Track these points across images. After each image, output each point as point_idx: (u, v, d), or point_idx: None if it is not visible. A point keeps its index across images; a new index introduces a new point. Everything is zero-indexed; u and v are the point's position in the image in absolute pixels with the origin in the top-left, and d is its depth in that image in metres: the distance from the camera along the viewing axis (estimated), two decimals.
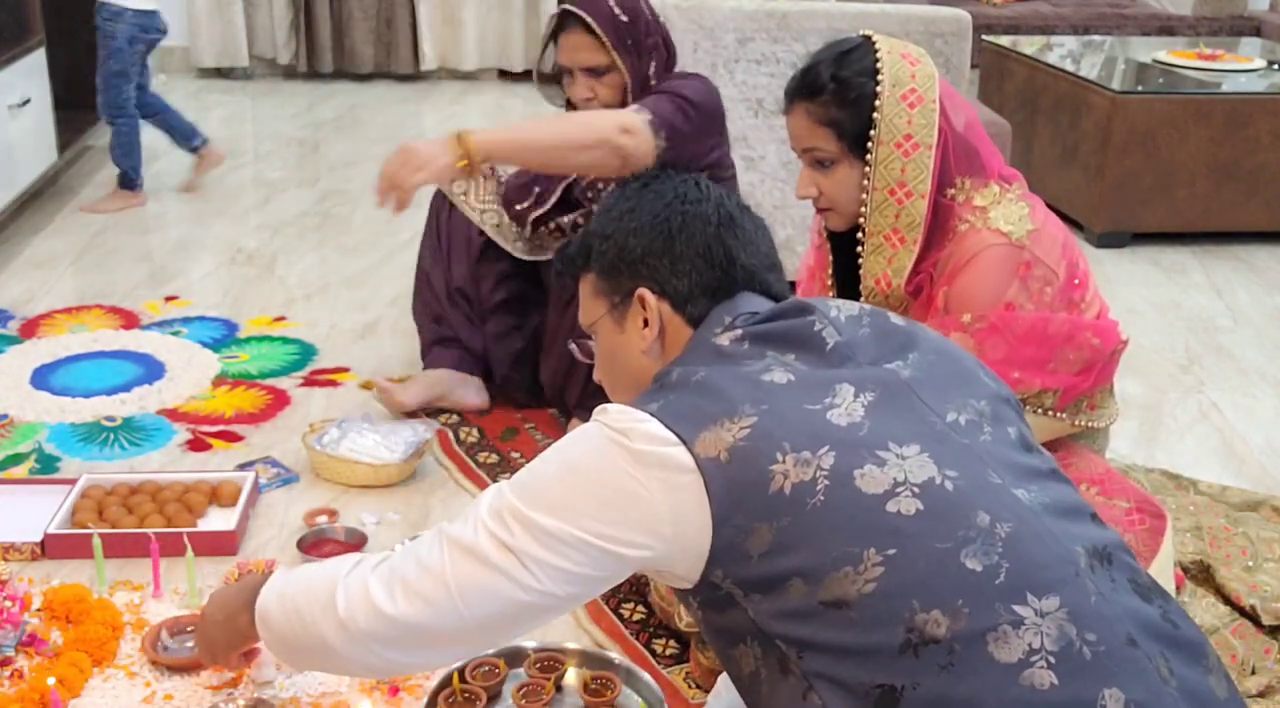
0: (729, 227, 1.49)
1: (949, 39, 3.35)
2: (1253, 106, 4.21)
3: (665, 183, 1.53)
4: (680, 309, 1.47)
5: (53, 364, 3.08)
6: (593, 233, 1.53)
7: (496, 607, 1.34)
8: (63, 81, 4.38)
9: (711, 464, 1.29)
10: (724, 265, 1.47)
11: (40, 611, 2.07)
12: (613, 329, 1.52)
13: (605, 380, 1.57)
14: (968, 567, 1.25)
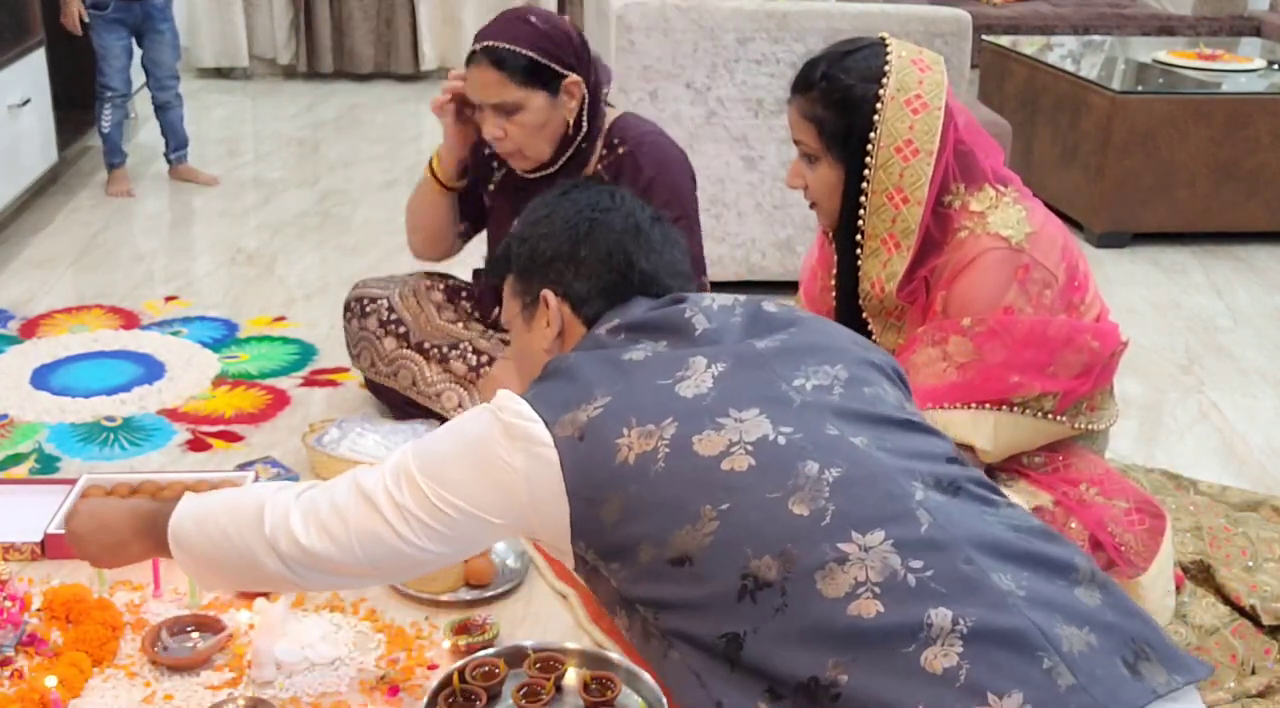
0: (634, 234, 1.61)
1: (949, 39, 3.35)
2: (1253, 106, 4.21)
3: (582, 192, 1.66)
4: (578, 310, 1.61)
5: (53, 364, 3.08)
6: (513, 236, 1.67)
7: (384, 552, 1.53)
8: (63, 81, 4.38)
9: (566, 442, 1.44)
10: (622, 270, 1.59)
11: (40, 611, 2.07)
12: (523, 327, 1.66)
13: (517, 373, 1.72)
14: (794, 512, 1.36)
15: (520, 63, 2.38)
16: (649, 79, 3.34)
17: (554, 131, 2.45)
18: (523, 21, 2.43)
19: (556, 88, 2.42)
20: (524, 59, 2.39)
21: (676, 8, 3.30)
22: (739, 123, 3.40)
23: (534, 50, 2.40)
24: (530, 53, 2.39)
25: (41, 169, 4.10)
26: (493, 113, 2.42)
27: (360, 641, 2.05)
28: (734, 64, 3.35)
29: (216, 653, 1.99)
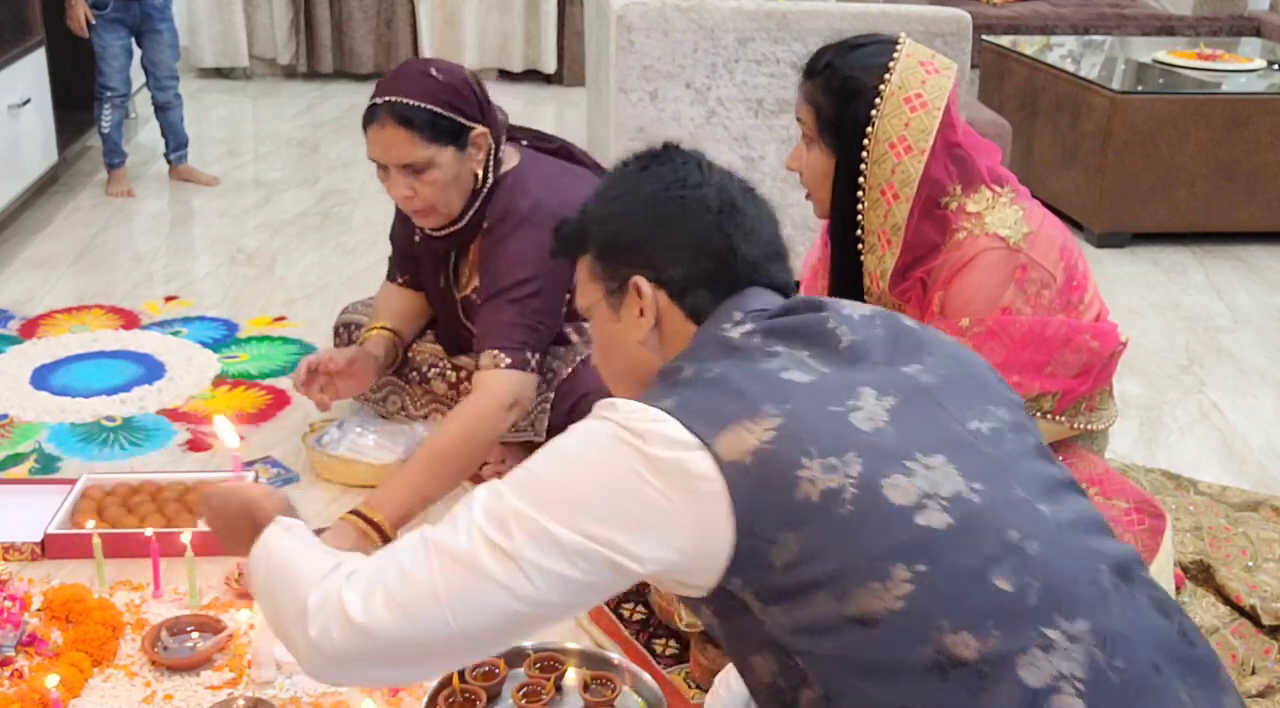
0: (730, 214, 1.41)
1: (949, 39, 3.35)
2: (1253, 106, 4.21)
3: (665, 165, 1.47)
4: (678, 300, 1.40)
5: (53, 364, 3.08)
6: (588, 215, 1.47)
7: (489, 618, 1.24)
8: (63, 81, 4.38)
9: (735, 469, 1.20)
10: (723, 256, 1.39)
11: (40, 611, 2.07)
12: (607, 315, 1.44)
13: (602, 367, 1.52)
14: (998, 586, 1.19)
15: (427, 119, 2.26)
16: (649, 79, 3.34)
17: (464, 186, 2.36)
18: (425, 75, 2.31)
19: (464, 141, 2.31)
20: (430, 115, 2.26)
21: (676, 8, 3.30)
22: (739, 123, 3.40)
23: (440, 105, 2.28)
24: (436, 108, 2.27)
25: (41, 169, 4.10)
26: (400, 173, 2.30)
27: None
28: (734, 64, 3.35)
29: (216, 653, 1.99)
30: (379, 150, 2.31)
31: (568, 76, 6.23)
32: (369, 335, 2.61)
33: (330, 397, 2.51)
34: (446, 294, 2.57)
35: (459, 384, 2.60)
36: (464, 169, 2.34)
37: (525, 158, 2.48)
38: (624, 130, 3.38)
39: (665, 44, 3.31)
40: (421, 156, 2.28)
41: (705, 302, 1.39)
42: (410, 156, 2.28)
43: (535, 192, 2.39)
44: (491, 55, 6.38)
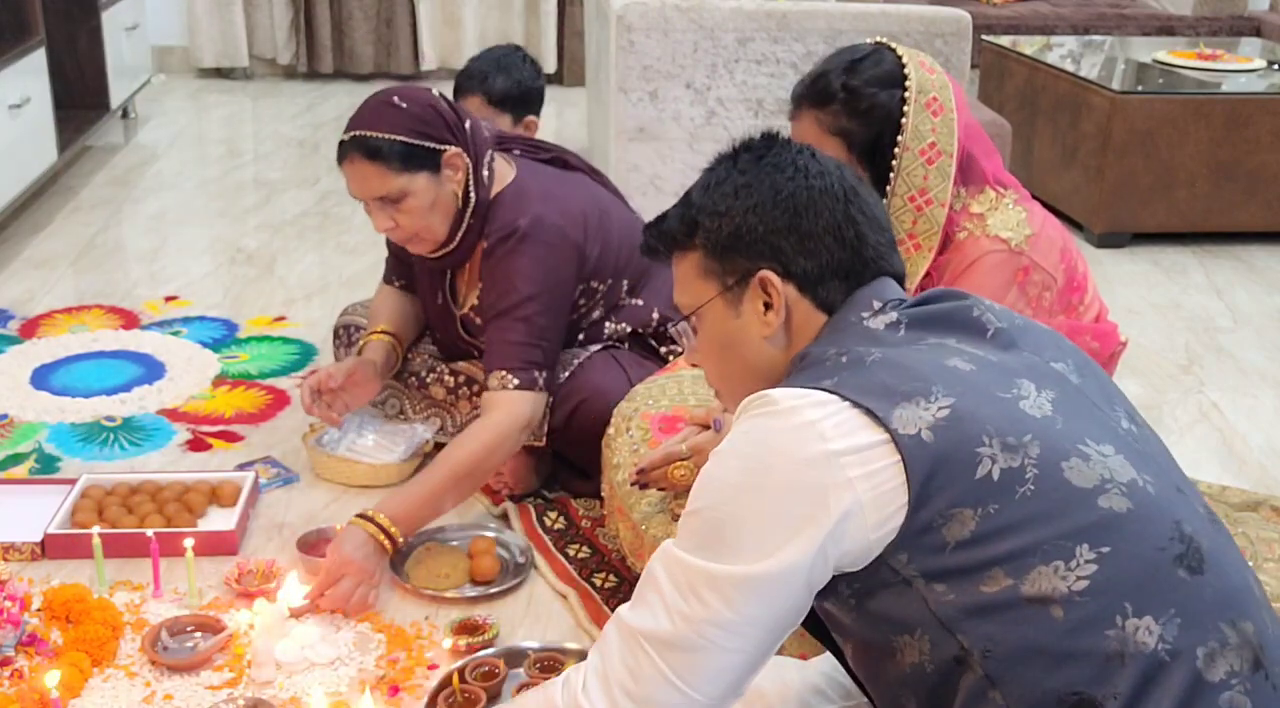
0: (855, 202, 1.38)
1: (949, 39, 3.35)
2: (1253, 106, 4.21)
3: (782, 154, 1.40)
4: (809, 292, 1.36)
5: (53, 364, 3.08)
6: (698, 208, 1.40)
7: (728, 675, 1.24)
8: (63, 81, 4.38)
9: (912, 442, 1.18)
10: (854, 245, 1.36)
11: (40, 611, 2.07)
12: (725, 313, 1.39)
13: (714, 370, 1.45)
14: (1179, 575, 1.18)
15: (395, 149, 2.25)
16: (649, 79, 3.34)
17: (446, 209, 2.34)
18: (388, 106, 2.30)
19: (437, 165, 2.30)
20: (397, 145, 2.25)
21: (676, 8, 3.29)
22: (739, 123, 3.40)
23: (405, 133, 2.26)
24: (402, 137, 2.26)
25: (41, 169, 4.10)
26: (377, 205, 2.30)
27: (360, 641, 2.05)
28: (734, 64, 3.35)
29: (216, 653, 1.99)
30: (354, 186, 2.32)
31: (568, 76, 6.23)
32: (368, 340, 2.60)
33: (339, 411, 2.52)
34: (445, 311, 2.57)
35: (457, 389, 2.60)
36: (442, 192, 2.32)
37: (521, 169, 2.47)
38: (624, 130, 3.38)
39: (665, 44, 3.31)
40: (395, 187, 2.27)
41: (837, 293, 1.37)
42: (384, 189, 2.28)
43: (534, 206, 2.38)
44: None
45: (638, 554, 2.10)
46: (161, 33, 5.99)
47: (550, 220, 2.36)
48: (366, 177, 2.29)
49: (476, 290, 2.48)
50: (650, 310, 2.56)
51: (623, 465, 2.16)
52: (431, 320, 2.66)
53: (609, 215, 2.53)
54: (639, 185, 3.39)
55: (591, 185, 2.58)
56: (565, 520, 2.44)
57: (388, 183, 2.27)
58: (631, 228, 2.59)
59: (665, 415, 2.21)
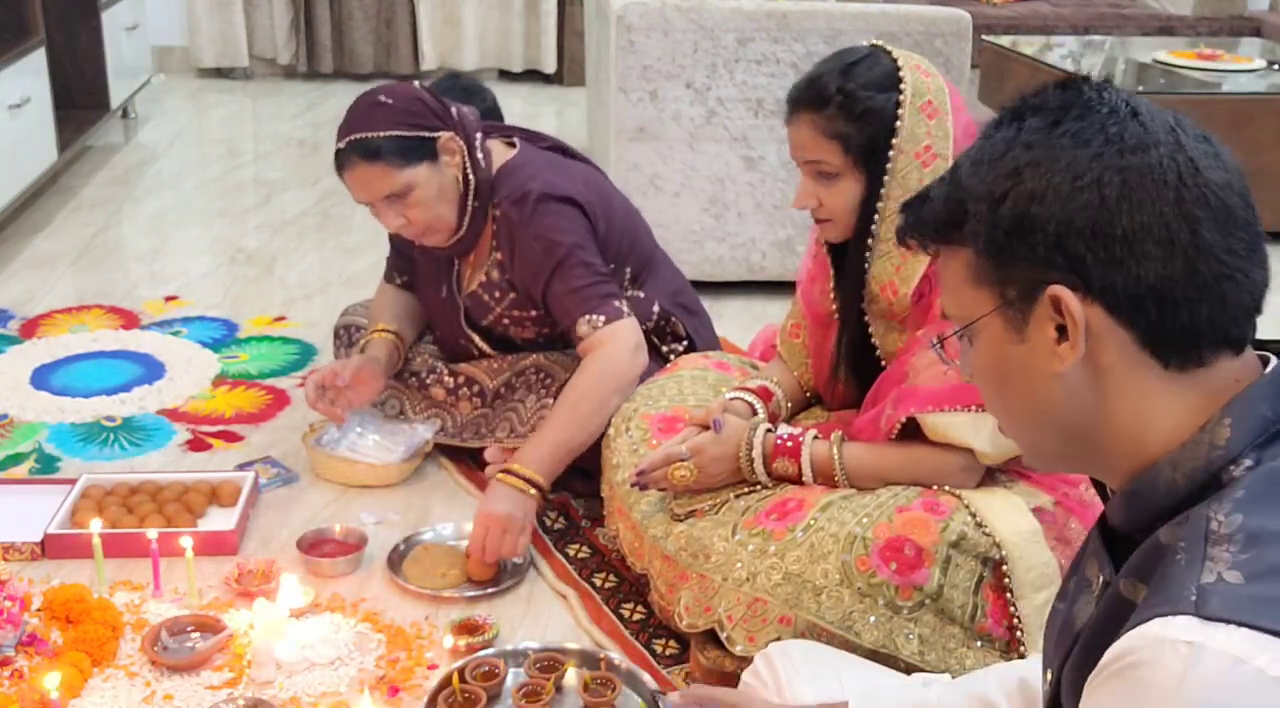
0: (1193, 187, 0.95)
1: (949, 39, 3.35)
2: (1253, 106, 4.21)
3: (1086, 118, 1.01)
4: (1131, 323, 0.96)
5: (53, 364, 3.08)
6: (967, 190, 1.02)
7: None
8: (63, 81, 4.38)
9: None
10: (1189, 257, 0.94)
11: (40, 611, 2.07)
12: (1005, 335, 1.02)
13: (994, 401, 1.07)
14: None
15: (392, 145, 2.28)
16: (649, 79, 3.34)
17: (451, 195, 2.37)
18: (374, 105, 2.32)
19: (434, 152, 2.32)
20: (394, 141, 2.28)
21: (676, 8, 3.29)
22: (739, 123, 3.40)
23: (398, 127, 2.29)
24: (396, 132, 2.29)
25: (41, 169, 4.10)
26: (385, 204, 2.33)
27: (360, 641, 2.05)
28: (734, 64, 3.35)
29: (216, 653, 1.99)
30: (360, 191, 2.34)
31: (568, 76, 6.23)
32: (371, 339, 2.61)
33: (343, 408, 2.52)
34: (448, 303, 2.57)
35: (457, 389, 2.60)
36: (445, 179, 2.35)
37: (522, 149, 2.50)
38: (624, 130, 3.38)
39: (665, 44, 3.31)
40: (399, 182, 2.30)
41: (1180, 331, 0.95)
42: (389, 186, 2.30)
43: (543, 173, 2.42)
44: (491, 55, 6.38)
45: (637, 554, 2.11)
46: (161, 33, 5.99)
47: (560, 186, 2.40)
48: (370, 178, 2.30)
49: (484, 269, 2.48)
50: (651, 304, 2.56)
51: (622, 465, 2.16)
52: (433, 317, 2.66)
53: (611, 200, 2.56)
54: (639, 185, 3.40)
55: (593, 172, 2.60)
56: (565, 520, 2.44)
57: (392, 180, 2.29)
58: (633, 218, 2.61)
59: (665, 416, 2.21)
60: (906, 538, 1.81)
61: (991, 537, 1.82)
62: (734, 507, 1.98)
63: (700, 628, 1.92)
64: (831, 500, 1.90)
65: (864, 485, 1.93)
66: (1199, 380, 0.97)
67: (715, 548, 1.93)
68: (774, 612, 1.83)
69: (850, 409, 2.12)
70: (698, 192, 3.45)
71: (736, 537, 1.92)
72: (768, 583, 1.85)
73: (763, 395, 2.12)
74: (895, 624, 1.79)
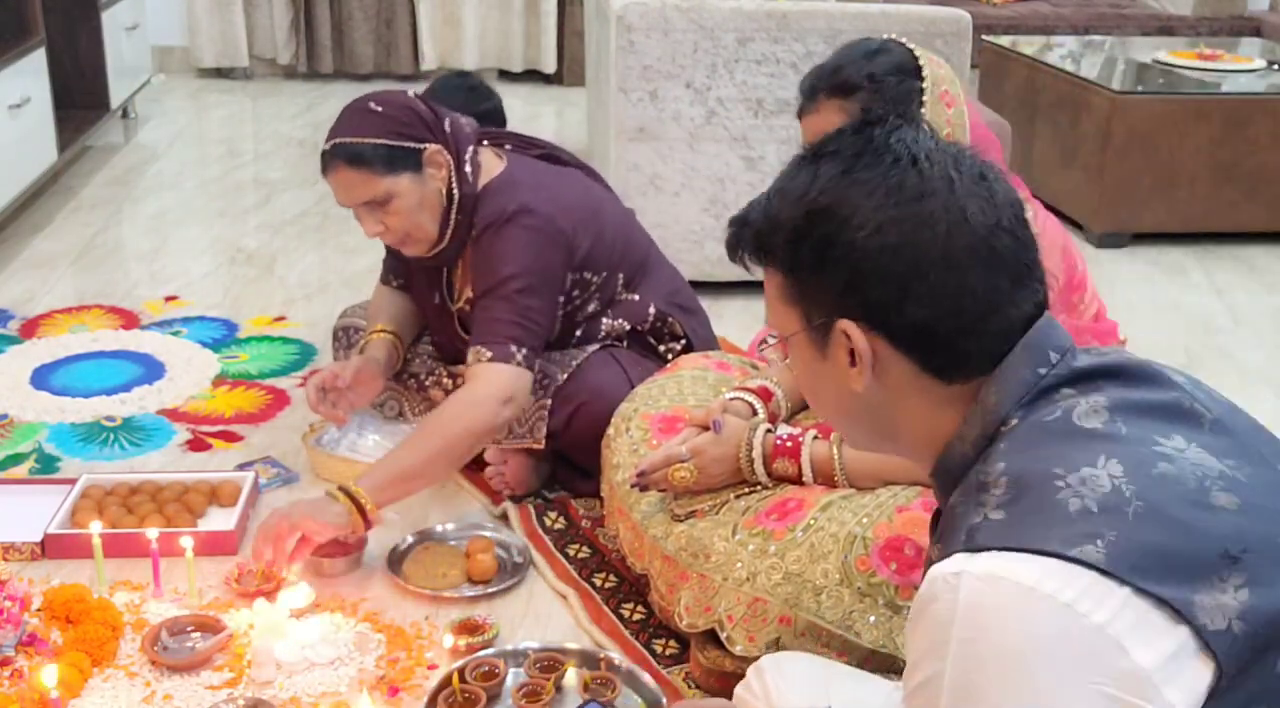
0: (959, 233, 1.07)
1: (949, 39, 3.35)
2: (1253, 107, 4.21)
3: (872, 168, 1.09)
4: (911, 353, 1.10)
5: (53, 364, 3.08)
6: (775, 222, 1.14)
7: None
8: (63, 81, 4.38)
9: (1222, 640, 0.91)
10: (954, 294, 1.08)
11: (40, 611, 2.07)
12: (811, 353, 1.15)
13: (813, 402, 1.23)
14: None
15: (377, 153, 2.28)
16: (649, 79, 3.34)
17: (433, 207, 2.36)
18: (364, 112, 2.33)
19: (419, 163, 2.32)
20: (380, 148, 2.28)
21: (676, 8, 3.30)
22: (739, 123, 3.40)
23: (384, 136, 2.29)
24: (382, 140, 2.29)
25: (41, 169, 4.10)
26: (365, 210, 2.34)
27: (360, 641, 2.05)
28: (734, 64, 3.35)
29: (216, 653, 1.99)
30: (340, 194, 2.35)
31: (568, 76, 6.23)
32: (369, 340, 2.61)
33: (344, 410, 2.52)
34: (442, 310, 2.57)
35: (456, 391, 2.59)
36: (427, 191, 2.34)
37: (511, 162, 2.48)
38: (624, 130, 3.38)
39: (665, 44, 3.31)
40: (380, 190, 2.29)
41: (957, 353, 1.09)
42: (369, 193, 2.30)
43: (523, 194, 2.39)
44: (491, 55, 6.38)
45: (637, 554, 2.11)
46: (161, 33, 5.99)
47: (539, 207, 2.37)
48: (351, 183, 2.32)
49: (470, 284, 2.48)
50: (647, 306, 2.56)
51: (622, 466, 2.17)
52: (430, 321, 2.66)
53: (602, 209, 2.54)
54: (639, 185, 3.40)
55: (584, 180, 2.59)
56: (565, 520, 2.44)
57: (372, 187, 2.30)
58: (626, 223, 2.60)
59: (664, 416, 2.21)
60: (907, 538, 1.81)
61: None
62: (734, 507, 1.98)
63: (700, 628, 1.92)
64: (831, 500, 1.90)
65: (864, 485, 1.93)
66: (978, 383, 1.10)
67: (715, 548, 1.93)
68: (774, 612, 1.84)
69: None
70: (698, 192, 3.45)
71: (737, 537, 1.92)
72: (768, 583, 1.85)
73: (763, 395, 2.12)
74: (895, 624, 1.79)
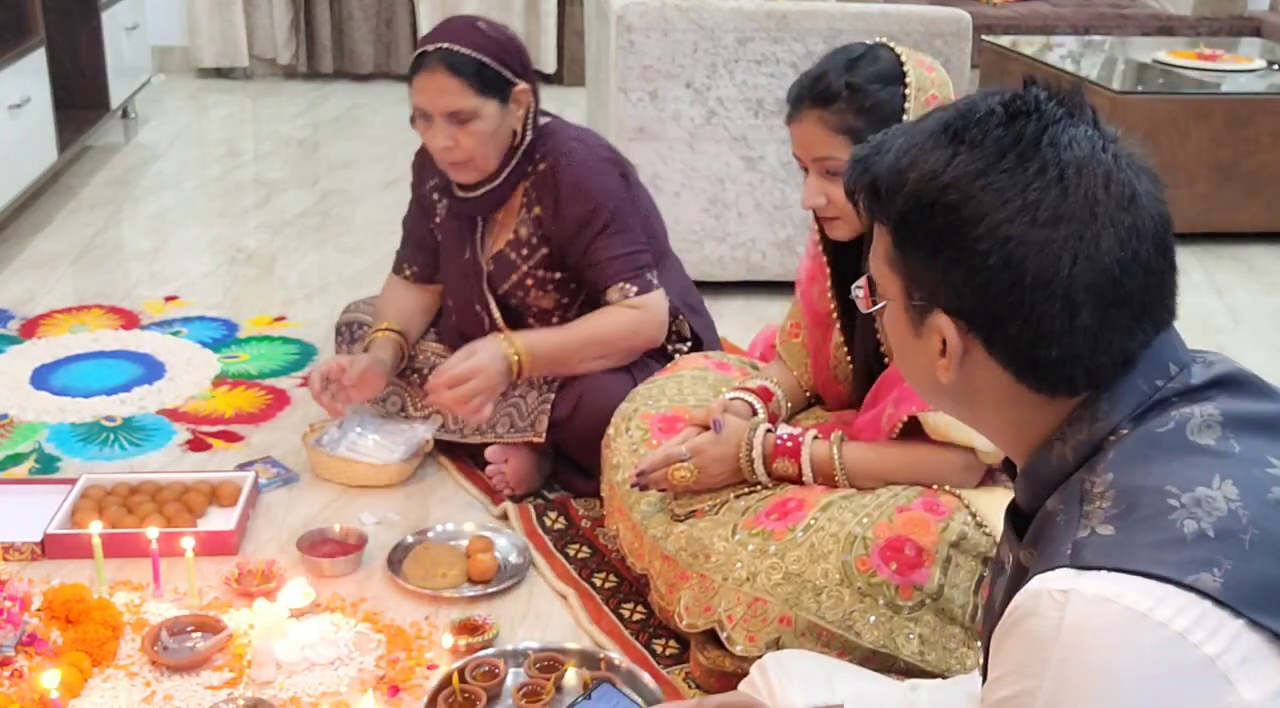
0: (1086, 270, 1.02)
1: (949, 39, 3.35)
2: (1253, 106, 4.21)
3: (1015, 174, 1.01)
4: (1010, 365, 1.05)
5: (53, 364, 3.08)
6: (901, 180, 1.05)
7: None
8: (63, 81, 4.38)
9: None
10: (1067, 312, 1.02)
11: (40, 611, 2.07)
12: (905, 326, 1.10)
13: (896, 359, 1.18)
14: None
15: (475, 69, 2.30)
16: (649, 79, 3.34)
17: (502, 141, 2.39)
18: (473, 28, 2.35)
19: (507, 96, 2.36)
20: (479, 64, 2.31)
21: (676, 8, 3.29)
22: (739, 123, 3.40)
23: (490, 56, 2.32)
24: (487, 58, 2.32)
25: (41, 169, 4.10)
26: (444, 121, 2.32)
27: (360, 641, 2.05)
28: (734, 64, 3.35)
29: (216, 653, 1.99)
30: (426, 98, 2.33)
31: (568, 76, 6.23)
32: (375, 338, 2.60)
33: (343, 403, 2.51)
34: (469, 266, 2.55)
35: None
36: (505, 124, 2.38)
37: (556, 119, 2.54)
38: (624, 130, 3.38)
39: (665, 44, 3.31)
40: (468, 106, 2.31)
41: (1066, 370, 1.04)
42: (457, 104, 2.31)
43: (588, 136, 2.50)
44: None
45: (637, 554, 2.11)
46: (161, 33, 5.99)
47: (607, 149, 2.49)
48: (444, 89, 2.30)
49: (512, 227, 2.48)
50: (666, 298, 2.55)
51: (622, 466, 2.16)
52: (451, 285, 2.63)
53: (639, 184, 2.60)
54: None
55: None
56: (565, 520, 2.44)
57: (463, 99, 2.31)
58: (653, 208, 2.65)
59: (665, 416, 2.21)
60: (907, 538, 1.81)
61: (992, 537, 1.82)
62: (734, 507, 1.98)
63: (700, 628, 1.92)
64: (831, 500, 1.90)
65: (864, 485, 1.93)
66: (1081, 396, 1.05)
67: (715, 548, 1.93)
68: (774, 612, 1.84)
69: (850, 409, 2.12)
70: (698, 192, 3.45)
71: (736, 537, 1.92)
72: (768, 583, 1.85)
73: (763, 395, 2.12)
74: (895, 624, 1.79)
